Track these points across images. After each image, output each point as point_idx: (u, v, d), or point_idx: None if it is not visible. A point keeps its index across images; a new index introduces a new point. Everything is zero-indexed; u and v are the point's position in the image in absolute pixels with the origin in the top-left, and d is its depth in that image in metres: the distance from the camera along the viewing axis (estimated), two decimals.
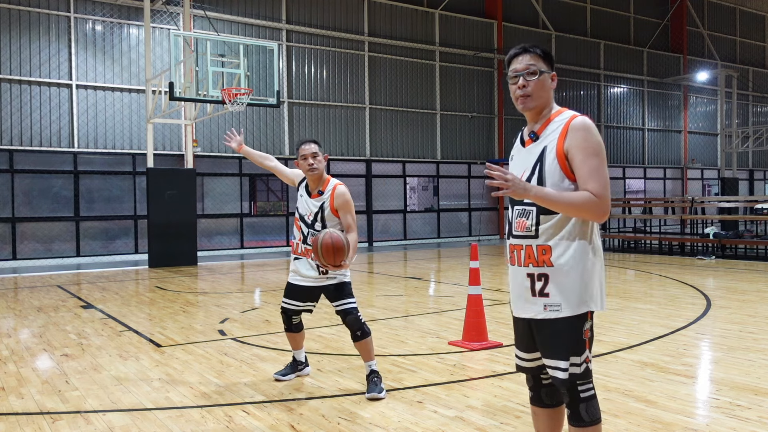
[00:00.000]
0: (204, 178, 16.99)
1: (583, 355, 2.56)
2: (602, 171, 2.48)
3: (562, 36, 24.13)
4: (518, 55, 2.64)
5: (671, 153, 28.08)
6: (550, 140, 2.56)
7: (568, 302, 2.53)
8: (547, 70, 2.62)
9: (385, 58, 20.10)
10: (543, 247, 2.56)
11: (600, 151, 2.49)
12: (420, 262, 14.70)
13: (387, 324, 7.07)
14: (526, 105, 2.61)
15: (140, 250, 15.92)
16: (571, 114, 2.57)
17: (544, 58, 2.62)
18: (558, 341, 2.55)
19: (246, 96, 11.85)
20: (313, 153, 4.53)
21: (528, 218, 2.59)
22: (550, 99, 2.64)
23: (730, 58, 30.05)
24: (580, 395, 2.59)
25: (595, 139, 2.50)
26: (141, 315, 7.98)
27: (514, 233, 2.66)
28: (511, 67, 2.65)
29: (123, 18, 15.94)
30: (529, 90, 2.60)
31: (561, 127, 2.55)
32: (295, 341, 4.91)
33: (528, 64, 2.60)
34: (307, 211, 4.62)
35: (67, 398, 4.52)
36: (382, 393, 4.41)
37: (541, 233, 2.56)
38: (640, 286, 10.13)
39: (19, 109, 14.78)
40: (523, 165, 2.65)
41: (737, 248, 14.97)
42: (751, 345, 5.80)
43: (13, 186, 14.71)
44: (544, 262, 2.55)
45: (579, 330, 2.54)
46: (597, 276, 2.58)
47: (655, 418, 3.93)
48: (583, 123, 2.53)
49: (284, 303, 4.76)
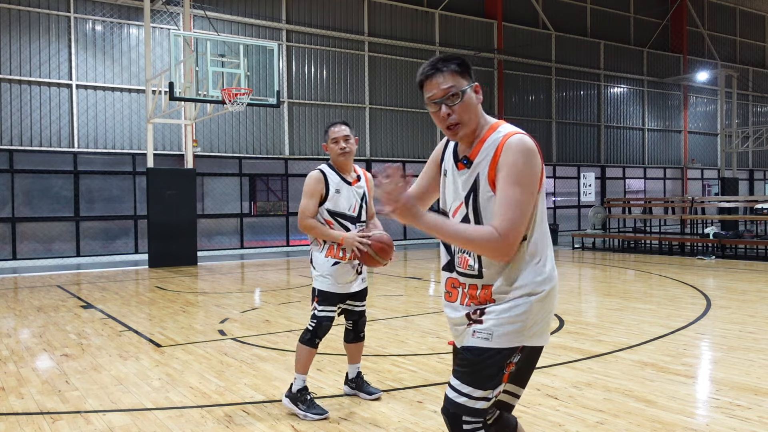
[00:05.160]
0: (204, 178, 16.99)
1: (496, 389, 2.20)
2: (517, 205, 2.08)
3: (562, 36, 24.12)
4: (430, 77, 2.22)
5: (671, 153, 28.08)
6: (483, 167, 2.19)
7: (501, 333, 2.17)
8: (468, 85, 2.22)
9: (385, 58, 20.10)
10: (488, 287, 2.22)
11: (523, 181, 2.10)
12: (420, 262, 14.70)
13: (387, 324, 7.07)
14: (458, 134, 2.23)
15: (140, 250, 15.92)
16: (506, 132, 2.18)
17: (460, 72, 2.21)
18: (475, 369, 2.19)
19: (246, 96, 11.85)
20: (346, 136, 4.08)
21: (470, 255, 2.24)
22: (479, 116, 2.25)
23: (730, 58, 30.04)
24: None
25: (526, 165, 2.10)
26: (141, 315, 7.98)
27: (457, 269, 2.30)
28: (427, 93, 2.24)
29: (123, 18, 15.94)
30: (456, 118, 2.20)
31: (494, 149, 2.17)
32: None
33: (445, 89, 2.19)
34: (351, 203, 4.10)
35: (67, 398, 4.52)
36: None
37: (486, 274, 2.21)
38: (640, 286, 10.13)
39: (19, 109, 14.78)
40: (456, 193, 2.29)
41: (737, 248, 14.97)
42: (751, 345, 5.80)
43: (13, 186, 14.71)
44: (486, 299, 2.22)
45: (503, 364, 2.18)
46: (544, 311, 2.22)
47: (655, 418, 3.93)
48: (518, 143, 2.12)
49: (330, 311, 4.13)
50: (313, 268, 4.17)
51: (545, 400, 4.30)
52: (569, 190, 24.50)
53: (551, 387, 4.58)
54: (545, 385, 4.61)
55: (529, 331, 2.19)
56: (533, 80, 23.49)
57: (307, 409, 4.03)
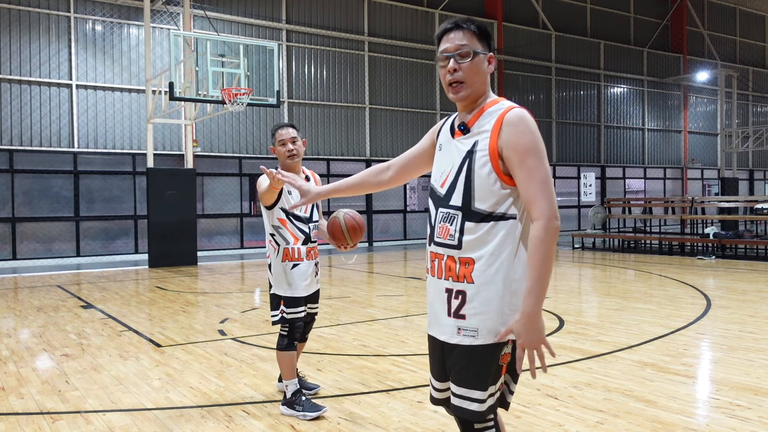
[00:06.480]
0: (204, 178, 16.99)
1: (497, 383, 2.18)
2: (546, 182, 2.08)
3: (562, 36, 24.13)
4: (448, 31, 2.23)
5: (671, 153, 28.08)
6: (483, 136, 2.17)
7: (487, 329, 2.12)
8: (483, 51, 2.21)
9: (385, 58, 20.10)
10: (465, 260, 2.15)
11: (541, 155, 2.11)
12: (420, 262, 14.70)
13: (387, 324, 7.07)
14: (459, 93, 2.21)
15: (140, 250, 15.92)
16: (507, 105, 2.19)
17: (479, 36, 2.21)
18: (471, 370, 2.15)
19: (246, 96, 11.85)
20: (293, 138, 4.15)
21: (452, 224, 2.19)
22: (485, 85, 2.25)
23: (730, 58, 30.05)
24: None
25: (535, 142, 2.11)
26: (141, 315, 7.98)
27: (435, 239, 2.25)
28: (441, 46, 2.23)
29: (123, 18, 15.94)
30: (461, 75, 2.19)
31: (495, 119, 2.16)
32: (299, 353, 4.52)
33: (459, 44, 2.19)
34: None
35: (67, 398, 4.52)
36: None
37: (465, 244, 2.15)
38: (640, 286, 10.13)
39: (19, 109, 14.78)
40: (450, 161, 2.24)
41: (737, 248, 14.97)
42: (751, 345, 5.80)
43: (13, 186, 14.71)
44: (465, 277, 2.15)
45: (495, 357, 2.14)
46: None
47: (655, 418, 3.93)
48: (520, 116, 2.13)
49: (300, 312, 4.15)
50: (270, 274, 4.19)
51: (545, 400, 4.30)
52: (569, 190, 24.51)
53: (551, 387, 4.58)
54: (545, 385, 4.61)
55: (513, 317, 2.12)
56: (533, 80, 23.49)
57: (304, 409, 4.03)
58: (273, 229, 4.18)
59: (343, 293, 9.54)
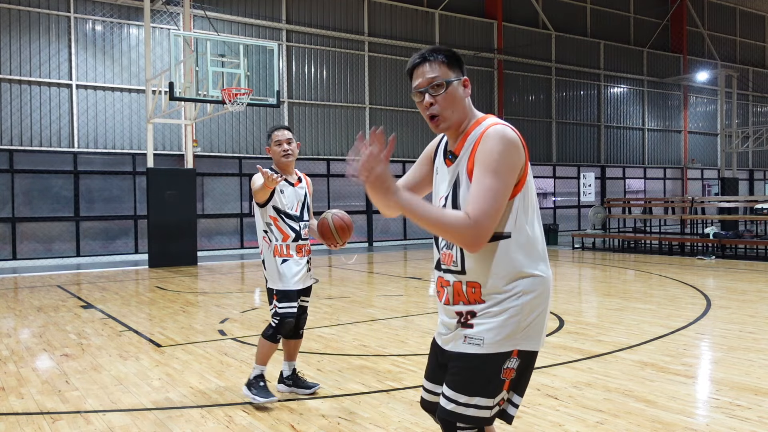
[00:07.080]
0: (204, 178, 16.99)
1: (496, 397, 2.14)
2: (492, 193, 2.01)
3: (562, 36, 24.12)
4: (417, 66, 2.22)
5: (671, 153, 28.08)
6: (464, 160, 2.15)
7: (493, 338, 2.11)
8: (456, 78, 2.19)
9: (385, 58, 20.10)
10: (472, 284, 2.14)
11: (499, 169, 2.02)
12: (420, 262, 14.70)
13: (387, 324, 7.07)
14: (439, 126, 2.19)
15: (140, 250, 15.92)
16: (489, 123, 2.14)
17: (448, 64, 2.20)
18: (467, 377, 2.13)
19: (246, 96, 11.85)
20: (288, 139, 4.33)
21: (453, 250, 2.18)
22: (466, 110, 2.21)
23: (730, 58, 30.05)
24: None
25: (501, 154, 2.03)
26: (141, 315, 7.98)
27: (441, 266, 2.25)
28: (413, 82, 2.22)
29: (123, 18, 15.94)
30: (437, 109, 2.16)
31: (474, 141, 2.13)
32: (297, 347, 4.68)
33: (431, 78, 2.17)
34: (293, 203, 4.33)
35: (67, 398, 4.52)
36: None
37: (469, 268, 2.14)
38: (640, 286, 10.13)
39: (19, 109, 14.78)
40: (445, 187, 2.25)
41: (737, 248, 14.97)
42: (751, 345, 5.80)
43: (13, 186, 14.71)
44: (476, 300, 2.14)
45: (497, 369, 2.12)
46: (537, 311, 2.15)
47: (655, 418, 3.93)
48: (496, 132, 2.07)
49: (291, 307, 4.31)
50: (264, 269, 4.39)
51: (545, 400, 4.30)
52: (569, 190, 24.51)
53: (551, 387, 4.58)
54: (545, 385, 4.61)
55: (522, 333, 2.12)
56: (533, 80, 23.49)
57: (257, 393, 4.25)
58: (265, 225, 4.36)
59: (343, 293, 9.54)
